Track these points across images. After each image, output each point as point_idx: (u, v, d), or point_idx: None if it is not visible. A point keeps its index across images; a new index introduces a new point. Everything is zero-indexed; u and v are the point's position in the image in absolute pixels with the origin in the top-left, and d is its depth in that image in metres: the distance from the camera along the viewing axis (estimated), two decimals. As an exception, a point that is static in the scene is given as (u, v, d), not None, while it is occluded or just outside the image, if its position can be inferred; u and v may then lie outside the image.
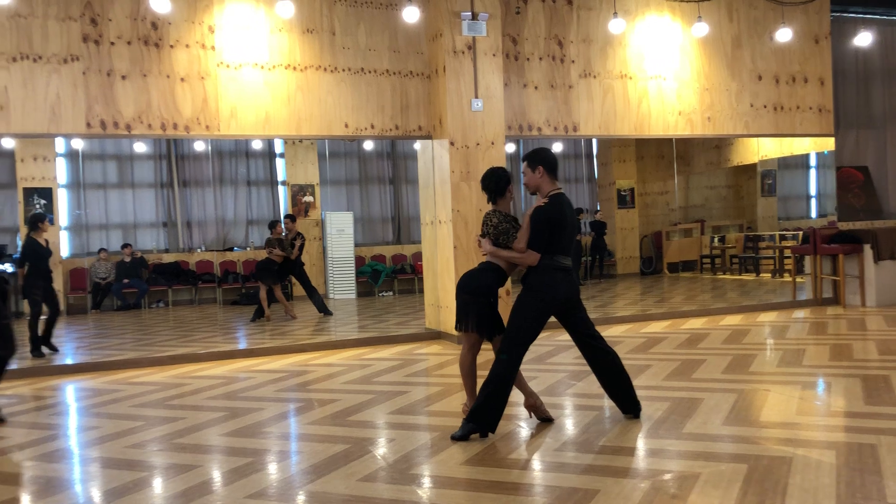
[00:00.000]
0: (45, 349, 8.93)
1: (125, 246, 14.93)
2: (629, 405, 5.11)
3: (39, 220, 9.03)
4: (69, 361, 8.55)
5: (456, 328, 5.13)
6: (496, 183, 5.14)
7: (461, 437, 4.73)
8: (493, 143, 9.10)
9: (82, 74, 8.18)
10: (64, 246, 14.94)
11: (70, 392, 7.13)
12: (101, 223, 15.46)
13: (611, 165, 18.40)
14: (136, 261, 14.85)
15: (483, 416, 4.75)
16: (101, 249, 14.88)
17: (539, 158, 5.01)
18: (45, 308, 9.00)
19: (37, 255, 8.88)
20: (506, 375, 4.78)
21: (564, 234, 4.87)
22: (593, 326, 5.11)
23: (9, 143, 14.00)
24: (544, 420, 5.11)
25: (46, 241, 9.14)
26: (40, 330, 8.92)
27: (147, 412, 6.01)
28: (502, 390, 4.77)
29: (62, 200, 14.95)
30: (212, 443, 5.00)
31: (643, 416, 5.08)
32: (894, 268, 10.54)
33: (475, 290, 5.00)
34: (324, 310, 11.96)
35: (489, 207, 5.17)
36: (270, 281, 11.61)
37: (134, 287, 14.66)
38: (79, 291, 14.64)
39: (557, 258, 4.86)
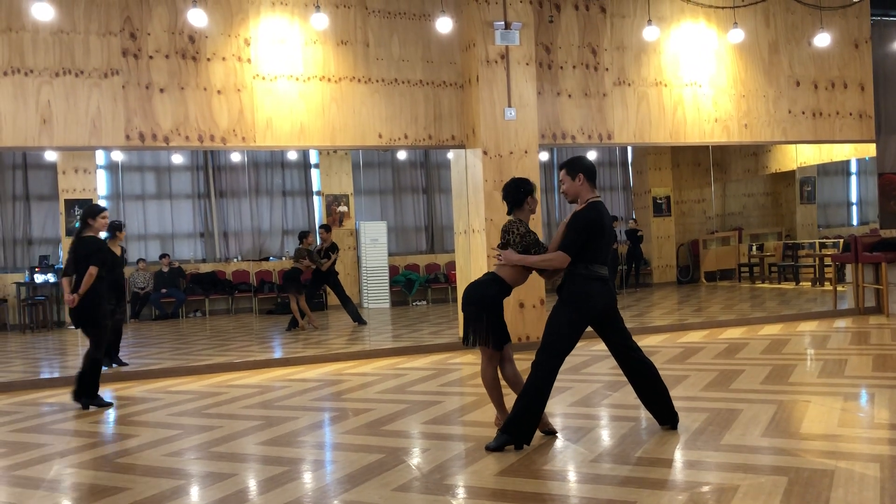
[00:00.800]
0: (113, 364, 8.67)
1: (163, 256, 15.15)
2: (666, 416, 5.04)
3: (118, 228, 8.77)
4: (108, 370, 8.68)
5: (464, 343, 5.07)
6: (514, 193, 5.09)
7: (496, 447, 4.70)
8: (526, 152, 9.09)
9: (122, 88, 8.34)
10: (104, 256, 15.20)
11: (109, 400, 7.23)
12: (140, 233, 15.71)
13: (646, 173, 18.24)
14: (173, 271, 15.07)
15: (518, 428, 4.72)
16: (140, 260, 15.11)
17: (579, 166, 4.98)
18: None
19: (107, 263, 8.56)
20: (542, 387, 4.74)
21: (602, 243, 4.83)
22: (630, 336, 5.05)
23: (51, 156, 14.31)
24: (548, 433, 5.03)
25: (123, 250, 9.01)
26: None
27: (184, 420, 6.08)
28: (538, 402, 4.74)
29: (102, 212, 15.22)
30: (248, 451, 5.04)
31: (680, 428, 5.01)
32: (939, 276, 10.30)
33: (480, 301, 4.95)
34: (358, 319, 12.00)
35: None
36: (295, 290, 11.66)
37: (172, 297, 14.86)
38: (118, 301, 14.87)
39: (594, 267, 4.80)
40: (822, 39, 10.48)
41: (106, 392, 7.55)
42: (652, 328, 10.06)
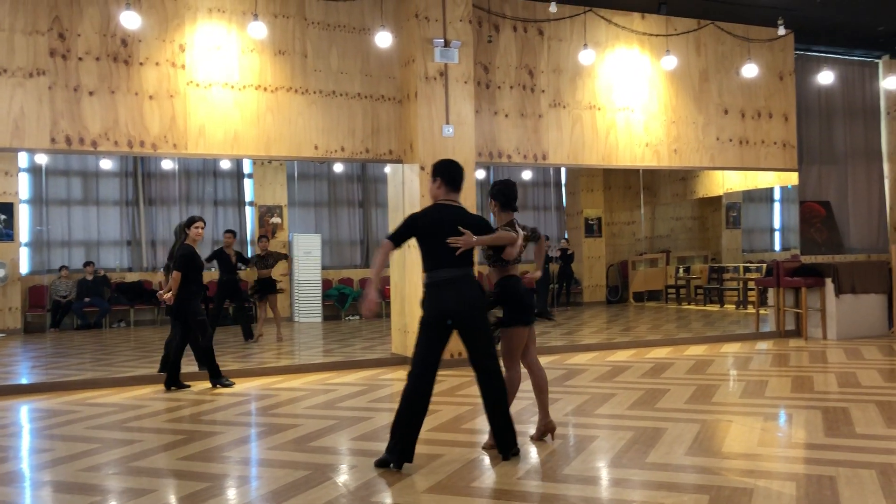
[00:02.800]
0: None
1: (87, 264, 14.67)
2: (504, 444, 4.79)
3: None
4: (24, 381, 8.34)
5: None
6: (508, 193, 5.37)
7: (379, 463, 4.67)
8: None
9: (48, 89, 8.07)
10: (24, 263, 14.64)
11: (24, 413, 6.94)
12: (64, 240, 15.19)
13: (579, 194, 18.56)
14: (98, 279, 14.60)
15: (398, 443, 4.61)
16: (63, 267, 14.60)
17: (436, 168, 4.98)
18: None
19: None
20: (410, 398, 4.65)
21: (435, 245, 4.74)
22: (494, 352, 4.85)
23: (-30, 157, 13.74)
24: (546, 433, 5.31)
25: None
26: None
27: (103, 434, 5.87)
28: (417, 416, 4.64)
29: (23, 216, 14.67)
30: (169, 466, 4.89)
31: (607, 445, 5.07)
32: (854, 301, 10.72)
33: (484, 307, 4.89)
34: (249, 335, 11.71)
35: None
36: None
37: (95, 306, 14.39)
38: (38, 309, 14.34)
39: (435, 272, 4.72)
40: (750, 70, 10.86)
41: (19, 404, 7.25)
42: (581, 346, 10.19)
